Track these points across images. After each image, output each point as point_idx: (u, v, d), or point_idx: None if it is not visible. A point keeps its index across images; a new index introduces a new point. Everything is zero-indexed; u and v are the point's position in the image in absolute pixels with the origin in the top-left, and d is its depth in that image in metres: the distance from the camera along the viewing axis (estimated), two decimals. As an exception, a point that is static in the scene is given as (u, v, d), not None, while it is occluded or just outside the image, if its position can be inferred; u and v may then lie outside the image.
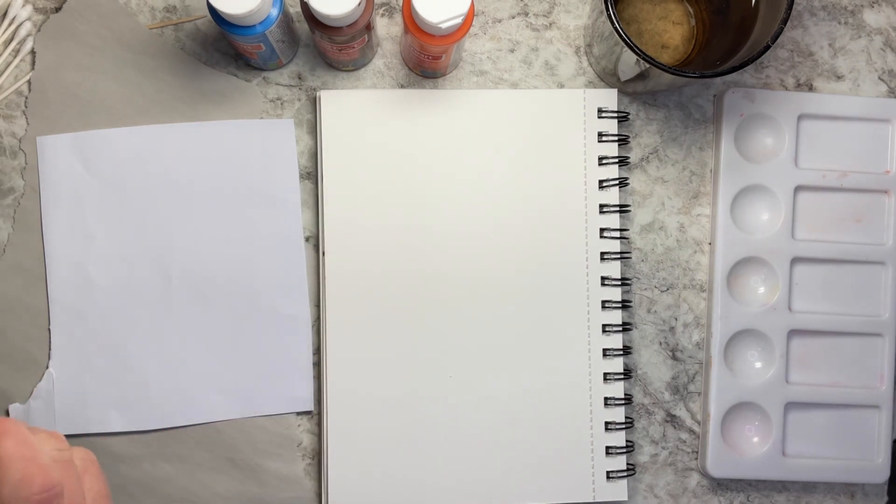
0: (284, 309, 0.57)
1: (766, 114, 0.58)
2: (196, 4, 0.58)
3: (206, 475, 0.57)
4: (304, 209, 0.58)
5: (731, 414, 0.58)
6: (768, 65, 0.60)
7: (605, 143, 0.58)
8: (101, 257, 0.57)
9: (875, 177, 0.59)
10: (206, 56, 0.58)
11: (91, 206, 0.57)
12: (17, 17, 0.57)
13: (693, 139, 0.60)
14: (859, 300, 0.59)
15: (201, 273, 0.57)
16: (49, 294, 0.57)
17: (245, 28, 0.50)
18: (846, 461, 0.58)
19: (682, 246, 0.59)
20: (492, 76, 0.59)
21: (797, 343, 0.59)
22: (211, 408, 0.57)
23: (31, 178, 0.57)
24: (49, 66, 0.57)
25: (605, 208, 0.57)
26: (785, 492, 0.59)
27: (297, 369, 0.57)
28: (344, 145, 0.57)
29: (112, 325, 0.57)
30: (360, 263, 0.56)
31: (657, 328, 0.59)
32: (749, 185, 0.58)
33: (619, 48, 0.51)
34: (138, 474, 0.57)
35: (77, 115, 0.57)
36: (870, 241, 0.59)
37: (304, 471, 0.57)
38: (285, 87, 0.58)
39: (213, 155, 0.57)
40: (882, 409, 0.58)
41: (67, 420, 0.56)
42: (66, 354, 0.56)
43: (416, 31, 0.50)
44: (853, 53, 0.60)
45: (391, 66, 0.58)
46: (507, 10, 0.59)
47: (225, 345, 0.57)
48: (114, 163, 0.57)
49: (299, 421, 0.57)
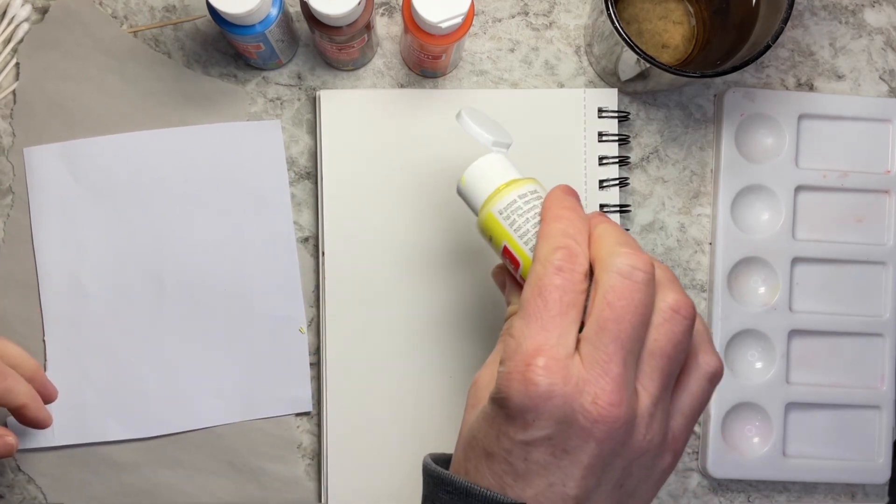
0: (279, 310, 0.57)
1: (767, 114, 0.58)
2: (196, 4, 0.58)
3: (207, 480, 0.57)
4: (304, 209, 0.58)
5: (732, 414, 0.58)
6: (769, 64, 0.60)
7: (605, 142, 0.58)
8: (94, 266, 0.56)
9: (876, 177, 0.59)
10: (206, 56, 0.58)
11: (81, 215, 0.57)
12: (17, 17, 0.56)
13: (693, 139, 0.60)
14: (860, 300, 0.59)
15: (194, 278, 0.57)
16: (42, 305, 0.56)
17: (244, 28, 0.49)
18: (847, 462, 0.58)
19: (683, 246, 0.59)
20: (492, 76, 0.59)
21: (798, 343, 0.59)
22: (209, 412, 0.56)
23: (20, 188, 0.57)
24: (33, 77, 0.57)
25: (606, 208, 0.57)
26: (785, 492, 0.59)
27: (294, 370, 0.57)
28: (344, 145, 0.56)
29: (107, 333, 0.56)
30: (360, 263, 0.56)
31: (657, 328, 0.59)
32: (749, 185, 0.58)
33: (620, 48, 0.50)
34: (139, 482, 0.56)
35: (63, 124, 0.57)
36: (870, 241, 0.59)
37: (304, 472, 0.57)
38: (285, 87, 0.58)
39: (201, 159, 0.57)
40: (883, 409, 0.58)
41: (66, 430, 0.56)
42: (62, 364, 0.56)
43: (416, 31, 0.50)
44: (854, 53, 0.60)
45: (391, 65, 0.58)
46: (507, 10, 0.59)
47: (221, 348, 0.57)
48: (102, 171, 0.57)
49: (298, 422, 0.57)
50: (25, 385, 0.50)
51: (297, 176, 0.58)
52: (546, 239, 0.37)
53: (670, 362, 0.36)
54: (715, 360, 0.38)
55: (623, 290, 0.35)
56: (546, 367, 0.34)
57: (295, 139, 0.58)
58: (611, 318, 0.34)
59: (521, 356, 0.35)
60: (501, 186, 0.42)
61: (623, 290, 0.35)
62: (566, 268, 0.36)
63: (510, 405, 0.34)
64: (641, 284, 0.35)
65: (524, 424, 0.34)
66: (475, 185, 0.43)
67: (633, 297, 0.35)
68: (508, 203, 0.41)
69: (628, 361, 0.34)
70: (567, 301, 0.35)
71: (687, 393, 0.37)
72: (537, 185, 0.42)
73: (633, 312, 0.35)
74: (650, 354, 0.35)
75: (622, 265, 0.35)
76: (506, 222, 0.41)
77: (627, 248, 0.36)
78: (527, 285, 0.37)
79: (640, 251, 0.36)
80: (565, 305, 0.35)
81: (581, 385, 0.34)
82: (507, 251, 0.41)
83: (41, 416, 0.51)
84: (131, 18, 0.58)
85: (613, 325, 0.34)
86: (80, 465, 0.56)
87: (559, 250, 0.36)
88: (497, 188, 0.42)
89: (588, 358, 0.34)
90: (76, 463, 0.56)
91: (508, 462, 0.35)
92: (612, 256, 0.36)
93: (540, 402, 0.34)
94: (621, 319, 0.34)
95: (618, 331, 0.34)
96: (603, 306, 0.35)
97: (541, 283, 0.36)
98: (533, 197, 0.41)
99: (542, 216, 0.39)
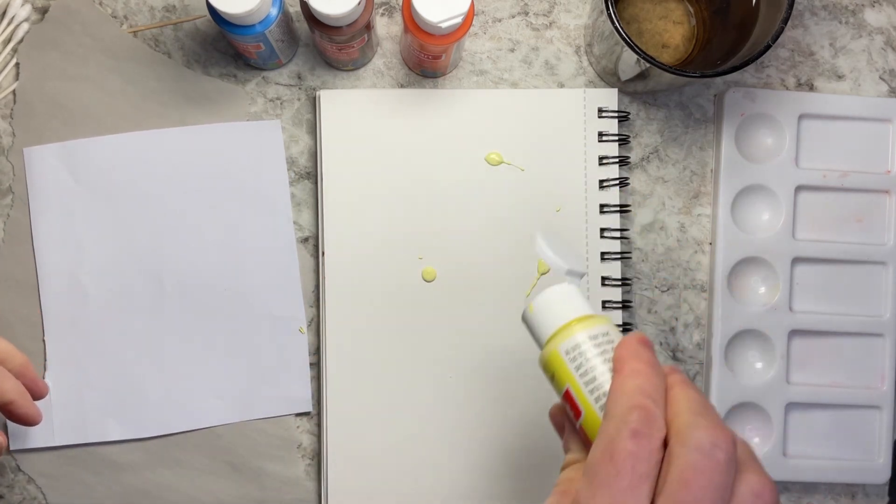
0: (279, 310, 0.57)
1: (767, 113, 0.58)
2: (196, 4, 0.58)
3: (207, 480, 0.57)
4: (304, 209, 0.58)
5: (732, 414, 0.58)
6: (769, 64, 0.60)
7: (605, 142, 0.57)
8: (93, 266, 0.56)
9: (876, 177, 0.59)
10: (206, 56, 0.58)
11: (81, 215, 0.57)
12: (17, 17, 0.56)
13: (693, 139, 0.60)
14: (860, 300, 0.59)
15: (194, 278, 0.57)
16: (42, 305, 0.56)
17: (244, 27, 0.49)
18: (847, 462, 0.58)
19: (683, 246, 0.59)
20: (492, 76, 0.59)
21: (798, 343, 0.58)
22: (209, 412, 0.56)
23: (20, 188, 0.57)
24: (33, 77, 0.57)
25: (606, 208, 0.57)
26: (786, 492, 0.59)
27: (294, 370, 0.57)
28: (344, 145, 0.56)
29: (106, 333, 0.56)
30: (360, 263, 0.56)
31: (658, 328, 0.59)
32: (750, 185, 0.58)
33: (620, 48, 0.50)
34: (139, 482, 0.56)
35: (63, 124, 0.57)
36: (870, 241, 0.59)
37: (304, 472, 0.57)
38: (285, 87, 0.58)
39: (200, 159, 0.57)
40: (883, 409, 0.58)
41: (66, 431, 0.56)
42: (62, 365, 0.56)
43: (416, 31, 0.50)
44: (854, 53, 0.60)
45: (391, 65, 0.58)
46: (507, 10, 0.59)
47: (221, 348, 0.57)
48: (102, 171, 0.57)
49: (298, 422, 0.57)
50: (13, 381, 0.49)
51: (297, 176, 0.58)
52: (621, 396, 0.33)
53: None
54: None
55: (702, 469, 0.31)
56: None
57: (295, 139, 0.58)
58: (687, 500, 0.31)
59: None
60: (572, 322, 0.38)
61: (702, 469, 0.31)
62: (643, 433, 0.32)
63: None
64: (723, 465, 0.31)
65: None
66: (543, 316, 0.39)
67: (712, 479, 0.31)
68: (577, 343, 0.37)
69: None
70: (641, 472, 0.31)
71: None
72: (610, 327, 0.38)
73: (711, 497, 0.31)
74: None
75: (703, 440, 0.31)
76: (572, 364, 0.37)
77: (707, 419, 0.33)
78: (596, 444, 0.33)
79: (721, 425, 0.33)
80: (638, 477, 0.31)
81: None
82: (568, 395, 0.37)
83: (30, 413, 0.50)
84: (131, 18, 0.58)
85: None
86: (79, 465, 0.56)
87: (635, 410, 0.33)
88: (567, 323, 0.38)
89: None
90: (76, 463, 0.56)
91: None
92: (691, 429, 0.32)
93: None
94: (698, 502, 0.31)
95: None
96: (679, 486, 0.31)
97: (613, 446, 0.32)
98: (604, 340, 0.37)
99: (615, 368, 0.35)
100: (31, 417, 0.50)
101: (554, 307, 0.39)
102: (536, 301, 0.39)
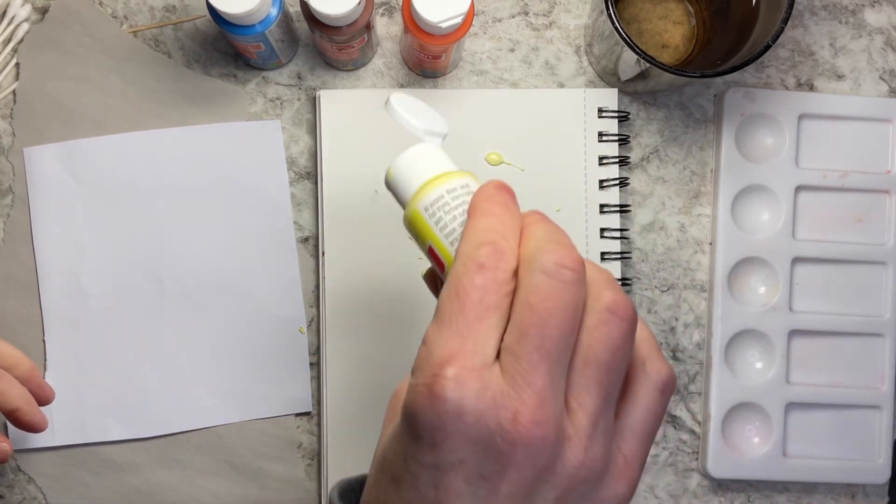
0: (279, 310, 0.57)
1: (767, 113, 0.58)
2: (196, 4, 0.58)
3: (206, 480, 0.57)
4: (304, 209, 0.58)
5: (732, 414, 0.58)
6: (769, 64, 0.60)
7: (605, 142, 0.57)
8: (93, 266, 0.56)
9: (876, 177, 0.59)
10: (206, 56, 0.58)
11: (81, 214, 0.57)
12: (17, 17, 0.56)
13: (693, 139, 0.60)
14: (860, 300, 0.59)
15: (194, 277, 0.57)
16: (42, 304, 0.56)
17: (244, 27, 0.49)
18: (847, 462, 0.58)
19: (683, 246, 0.59)
20: (492, 76, 0.59)
21: (798, 343, 0.58)
22: (209, 412, 0.56)
23: (20, 188, 0.57)
24: (33, 77, 0.57)
25: (606, 208, 0.57)
26: (786, 492, 0.59)
27: (294, 370, 0.57)
28: (344, 145, 0.56)
29: (106, 333, 0.56)
30: (360, 263, 0.56)
31: (658, 328, 0.59)
32: (750, 185, 0.58)
33: (620, 48, 0.50)
34: (139, 482, 0.56)
35: (63, 124, 0.57)
36: (870, 241, 0.59)
37: (304, 472, 0.57)
38: (285, 87, 0.58)
39: (201, 159, 0.57)
40: (883, 409, 0.58)
41: (66, 430, 0.56)
42: (62, 364, 0.56)
43: (416, 31, 0.50)
44: (854, 53, 0.60)
45: (391, 65, 0.58)
46: (507, 10, 0.59)
47: (220, 348, 0.57)
48: (102, 171, 0.57)
49: (298, 422, 0.57)
50: (19, 388, 0.48)
51: (297, 176, 0.58)
52: (470, 235, 0.32)
53: (609, 372, 0.30)
54: (665, 368, 0.33)
55: (547, 290, 0.30)
56: (457, 380, 0.29)
57: (295, 139, 0.58)
58: (533, 322, 0.29)
59: (429, 367, 0.30)
60: (431, 180, 0.37)
61: (547, 290, 0.30)
62: (489, 266, 0.30)
63: (416, 423, 0.29)
64: (569, 284, 0.30)
65: (432, 445, 0.29)
66: (403, 178, 0.38)
67: (559, 299, 0.30)
68: (435, 199, 0.36)
69: (555, 373, 0.29)
70: (488, 303, 0.30)
71: (636, 407, 0.32)
72: (470, 180, 0.37)
73: (559, 316, 0.29)
74: (584, 364, 0.30)
75: (547, 262, 0.30)
76: (431, 220, 0.36)
77: (556, 244, 0.31)
78: (444, 286, 0.31)
79: (569, 246, 0.31)
80: (485, 308, 0.30)
81: (499, 400, 0.29)
82: (432, 252, 0.36)
83: (36, 420, 0.49)
84: (131, 18, 0.58)
85: (536, 330, 0.29)
86: (79, 465, 0.56)
87: (482, 246, 0.31)
88: (425, 182, 0.37)
89: (508, 369, 0.29)
90: (76, 463, 0.56)
91: (417, 489, 0.30)
92: (538, 253, 0.30)
93: (449, 420, 0.29)
94: (545, 324, 0.29)
95: (542, 337, 0.29)
96: (524, 309, 0.30)
97: (459, 282, 0.30)
98: (463, 192, 0.36)
99: (469, 213, 0.34)
100: (36, 424, 0.50)
101: (412, 167, 0.38)
102: (395, 164, 0.38)
